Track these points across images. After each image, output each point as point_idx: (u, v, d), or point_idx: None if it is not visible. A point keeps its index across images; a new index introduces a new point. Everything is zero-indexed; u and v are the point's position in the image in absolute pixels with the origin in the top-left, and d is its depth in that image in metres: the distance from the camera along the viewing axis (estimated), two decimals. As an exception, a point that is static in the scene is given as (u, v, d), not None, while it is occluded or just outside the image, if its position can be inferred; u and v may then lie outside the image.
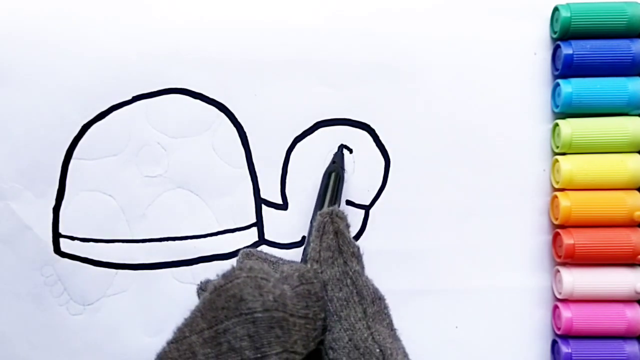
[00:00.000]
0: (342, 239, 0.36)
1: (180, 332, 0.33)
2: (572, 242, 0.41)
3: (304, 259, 0.38)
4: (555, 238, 0.43)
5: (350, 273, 0.35)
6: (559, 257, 0.42)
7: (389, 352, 0.33)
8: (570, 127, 0.42)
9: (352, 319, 0.34)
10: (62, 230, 0.44)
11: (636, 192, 0.42)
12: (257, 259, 0.38)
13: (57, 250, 0.44)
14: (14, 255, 0.44)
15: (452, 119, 0.44)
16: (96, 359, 0.44)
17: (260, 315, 0.32)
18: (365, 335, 0.34)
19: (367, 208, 0.44)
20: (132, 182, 0.44)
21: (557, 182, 0.42)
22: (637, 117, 0.42)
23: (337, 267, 0.35)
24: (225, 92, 0.44)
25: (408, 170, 0.44)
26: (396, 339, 0.35)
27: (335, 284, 0.35)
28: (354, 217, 0.44)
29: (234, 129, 0.44)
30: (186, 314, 0.43)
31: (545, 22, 0.43)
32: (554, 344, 0.43)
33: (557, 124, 0.43)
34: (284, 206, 0.44)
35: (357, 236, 0.44)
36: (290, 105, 0.44)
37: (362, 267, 0.37)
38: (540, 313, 0.44)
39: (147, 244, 0.44)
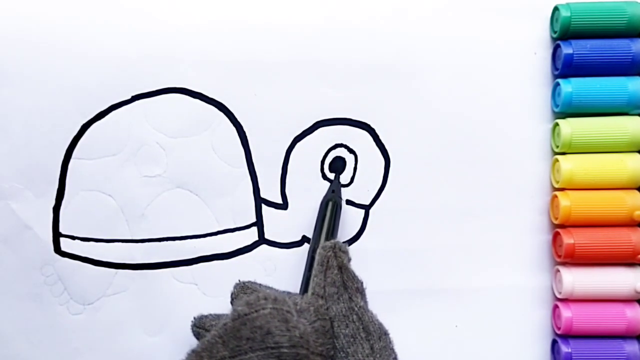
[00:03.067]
0: (346, 274, 0.36)
1: (198, 356, 0.32)
2: (572, 241, 0.41)
3: (303, 290, 0.38)
4: (555, 238, 0.43)
5: (356, 309, 0.35)
6: (559, 256, 0.42)
7: None
8: (570, 127, 0.42)
9: (359, 355, 0.34)
10: (62, 229, 0.44)
11: (636, 191, 0.42)
12: (252, 292, 0.38)
13: (57, 249, 0.44)
14: (14, 254, 0.44)
15: (452, 119, 0.44)
16: (96, 359, 0.44)
17: (286, 350, 0.32)
18: None
19: (367, 208, 0.44)
20: (132, 181, 0.44)
21: (557, 182, 0.42)
22: (636, 117, 0.42)
23: (343, 302, 0.35)
24: (224, 92, 0.44)
25: (408, 170, 0.44)
26: None
27: (341, 320, 0.35)
28: (354, 217, 0.44)
29: (234, 129, 0.44)
30: (185, 314, 0.43)
31: (545, 22, 0.43)
32: (554, 343, 0.43)
33: (557, 124, 0.43)
34: (283, 206, 0.44)
35: (357, 236, 0.44)
36: (290, 105, 0.44)
37: (366, 302, 0.37)
38: (540, 313, 0.44)
39: (147, 243, 0.44)
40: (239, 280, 0.40)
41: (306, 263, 0.39)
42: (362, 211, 0.44)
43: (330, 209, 0.41)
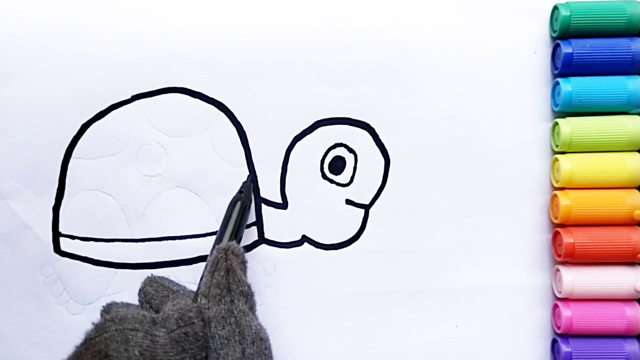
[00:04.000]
0: (232, 277, 0.36)
1: None
2: (571, 241, 0.41)
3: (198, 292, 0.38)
4: (555, 237, 0.43)
5: (235, 312, 0.36)
6: (559, 256, 0.42)
7: None
8: (570, 126, 0.42)
9: (230, 357, 0.34)
10: (61, 229, 0.44)
11: (636, 190, 0.42)
12: (159, 286, 0.38)
13: (56, 249, 0.44)
14: (13, 254, 0.44)
15: (451, 118, 0.44)
16: (96, 359, 0.44)
17: None
18: None
19: (367, 207, 0.44)
20: (132, 181, 0.44)
21: (557, 181, 0.42)
22: (636, 116, 0.42)
23: (224, 304, 0.36)
24: (224, 91, 0.44)
25: (408, 169, 0.44)
26: None
27: (219, 321, 0.35)
28: (354, 217, 0.44)
29: (234, 128, 0.44)
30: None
31: (544, 21, 0.43)
32: (553, 342, 0.43)
33: (556, 123, 0.43)
34: (283, 205, 0.44)
35: (357, 236, 0.44)
36: (290, 104, 0.44)
37: (252, 306, 0.37)
38: (540, 312, 0.44)
39: (147, 243, 0.44)
40: (151, 274, 0.40)
41: (206, 262, 0.39)
42: (362, 211, 0.44)
43: (237, 209, 0.41)
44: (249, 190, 0.43)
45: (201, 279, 0.38)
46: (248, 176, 0.44)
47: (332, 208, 0.44)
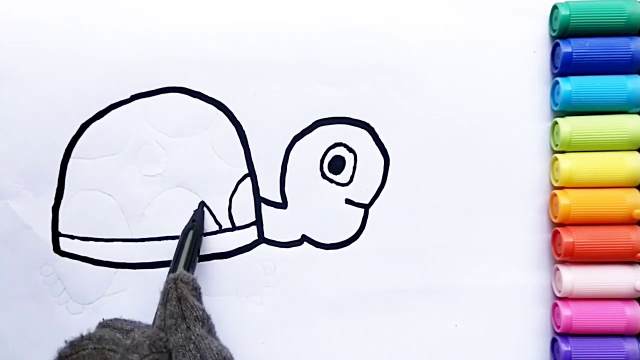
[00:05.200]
0: (184, 305, 0.37)
1: None
2: (571, 240, 0.41)
3: (154, 321, 0.39)
4: (555, 236, 0.43)
5: (194, 338, 0.36)
6: (559, 255, 0.42)
7: None
8: (570, 126, 0.42)
9: None
10: (61, 229, 0.44)
11: (635, 190, 0.42)
12: (112, 329, 0.38)
13: (56, 249, 0.44)
14: (13, 254, 0.44)
15: (451, 118, 0.44)
16: (96, 358, 0.44)
17: None
18: None
19: (366, 207, 0.44)
20: (131, 181, 0.44)
21: (557, 180, 0.42)
22: (636, 115, 0.42)
23: (180, 333, 0.36)
24: (224, 91, 0.44)
25: (407, 169, 0.44)
26: None
27: (179, 350, 0.35)
28: (354, 216, 0.44)
29: (233, 128, 0.44)
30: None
31: (544, 21, 0.43)
32: (553, 342, 0.43)
33: (556, 122, 0.43)
34: (283, 205, 0.44)
35: (357, 235, 0.44)
36: (290, 104, 0.44)
37: (211, 329, 0.38)
38: (539, 311, 0.44)
39: (147, 243, 0.44)
40: (102, 319, 0.40)
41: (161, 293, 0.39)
42: (362, 210, 0.44)
43: (189, 238, 0.41)
44: (201, 218, 0.43)
45: (157, 312, 0.38)
46: (200, 204, 0.44)
47: (331, 207, 0.44)
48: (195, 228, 0.42)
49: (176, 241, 0.44)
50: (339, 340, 0.44)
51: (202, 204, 0.43)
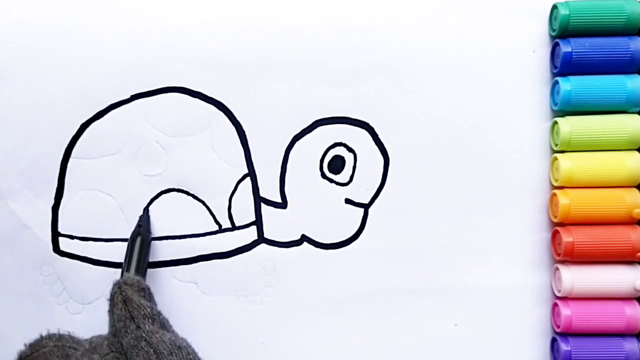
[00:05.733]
0: (131, 306, 0.37)
1: None
2: (571, 239, 0.41)
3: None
4: (555, 236, 0.43)
5: (144, 335, 0.36)
6: (558, 255, 0.42)
7: None
8: (569, 125, 0.42)
9: None
10: (61, 229, 0.44)
11: (635, 189, 0.42)
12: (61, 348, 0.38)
13: (56, 249, 0.44)
14: (13, 254, 0.44)
15: (451, 117, 0.44)
16: (96, 358, 0.44)
17: None
18: None
19: (366, 207, 0.44)
20: (131, 181, 0.44)
21: (556, 180, 0.43)
22: (635, 115, 0.42)
23: (131, 333, 0.36)
24: (224, 91, 0.44)
25: (407, 169, 0.44)
26: None
27: (132, 350, 0.36)
28: (353, 216, 0.44)
29: (233, 128, 0.44)
30: (185, 312, 0.43)
31: (544, 20, 0.43)
32: (553, 341, 0.43)
33: (556, 122, 0.43)
34: (283, 205, 0.44)
35: (357, 235, 0.44)
36: (289, 104, 0.44)
37: (164, 323, 0.38)
38: (539, 311, 0.44)
39: (147, 243, 0.44)
40: (48, 330, 0.39)
41: None
42: (361, 210, 0.44)
43: (138, 244, 0.42)
44: (147, 223, 0.43)
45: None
46: (144, 209, 0.44)
47: (331, 207, 0.44)
48: (143, 233, 0.42)
49: (176, 241, 0.44)
50: (339, 340, 0.44)
51: (146, 210, 0.44)
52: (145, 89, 0.44)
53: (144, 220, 0.43)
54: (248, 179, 0.44)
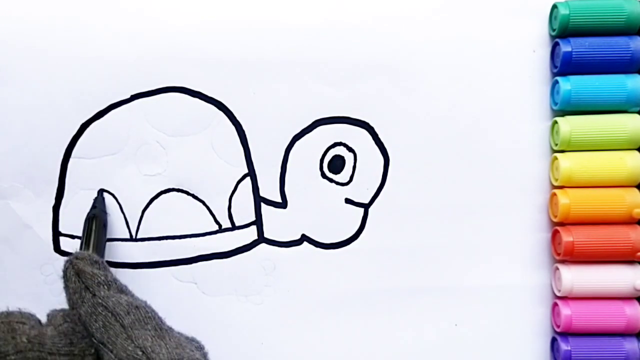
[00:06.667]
0: (84, 277, 0.37)
1: None
2: (571, 239, 0.41)
3: None
4: (555, 235, 0.43)
5: (100, 301, 0.36)
6: (558, 254, 0.42)
7: (149, 350, 0.34)
8: (569, 125, 0.42)
9: (112, 338, 0.35)
10: (61, 229, 0.44)
11: (635, 189, 0.42)
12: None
13: (57, 249, 0.44)
14: (13, 254, 0.44)
15: (451, 117, 0.44)
16: (96, 358, 0.44)
17: (13, 357, 0.34)
18: (126, 344, 0.34)
19: (366, 206, 0.44)
20: (131, 180, 0.44)
21: (556, 180, 0.42)
22: (635, 115, 0.42)
23: (87, 302, 0.36)
24: (224, 91, 0.44)
25: (407, 168, 0.44)
26: (162, 336, 0.36)
27: (90, 318, 0.36)
28: (353, 216, 0.44)
29: (233, 128, 0.44)
30: (185, 313, 0.43)
31: (544, 20, 0.43)
32: (553, 341, 0.43)
33: (555, 122, 0.43)
34: (283, 204, 0.44)
35: (357, 235, 0.44)
36: (289, 104, 0.44)
37: (122, 288, 0.37)
38: (539, 311, 0.44)
39: (146, 242, 0.44)
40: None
41: None
42: (362, 210, 0.44)
43: (95, 225, 0.42)
44: (102, 203, 0.44)
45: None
46: (99, 191, 0.44)
47: (331, 207, 0.44)
48: (98, 214, 0.42)
49: (176, 241, 0.44)
50: (339, 340, 0.44)
51: (101, 191, 0.44)
52: (146, 88, 0.44)
53: (99, 202, 0.43)
54: (248, 179, 0.44)
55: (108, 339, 0.35)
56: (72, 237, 0.44)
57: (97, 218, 0.42)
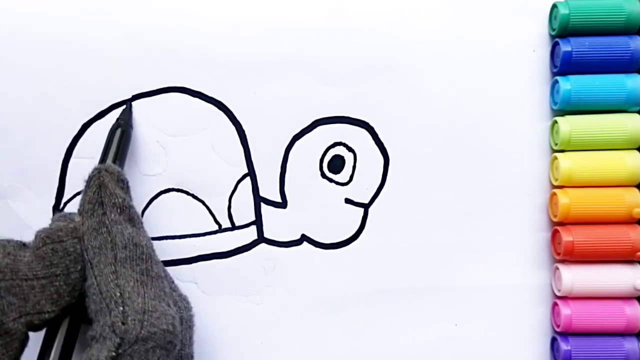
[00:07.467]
0: (104, 192, 0.37)
1: None
2: (571, 239, 0.41)
3: None
4: (554, 235, 0.43)
5: (107, 222, 0.36)
6: (558, 254, 0.42)
7: (127, 295, 0.34)
8: (569, 125, 0.42)
9: (101, 265, 0.35)
10: (62, 229, 0.44)
11: (635, 189, 0.42)
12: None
13: (57, 249, 0.44)
14: (14, 254, 0.44)
15: (451, 117, 0.44)
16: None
17: None
18: (110, 279, 0.34)
19: (366, 206, 0.44)
20: (131, 180, 0.44)
21: (556, 180, 0.42)
22: (635, 114, 0.42)
23: (96, 217, 0.36)
24: (224, 91, 0.44)
25: (407, 168, 0.44)
26: (145, 283, 0.35)
27: (91, 233, 0.35)
28: (353, 216, 0.44)
29: (233, 128, 0.44)
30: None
31: (543, 19, 0.43)
32: (553, 341, 0.43)
33: (555, 122, 0.43)
34: (283, 204, 0.44)
35: (356, 235, 0.44)
36: (289, 104, 0.44)
37: (133, 218, 0.37)
38: (539, 310, 0.44)
39: (147, 242, 0.44)
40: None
41: None
42: (362, 210, 0.44)
43: (117, 136, 0.42)
44: (129, 116, 0.43)
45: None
46: (126, 101, 0.43)
47: (331, 207, 0.44)
48: (123, 126, 0.42)
49: (176, 241, 0.44)
50: (339, 340, 0.44)
51: (129, 103, 0.43)
52: (146, 88, 0.44)
53: (126, 114, 0.43)
54: (248, 179, 0.44)
55: (98, 262, 0.35)
56: (73, 237, 0.44)
57: (121, 130, 0.42)
